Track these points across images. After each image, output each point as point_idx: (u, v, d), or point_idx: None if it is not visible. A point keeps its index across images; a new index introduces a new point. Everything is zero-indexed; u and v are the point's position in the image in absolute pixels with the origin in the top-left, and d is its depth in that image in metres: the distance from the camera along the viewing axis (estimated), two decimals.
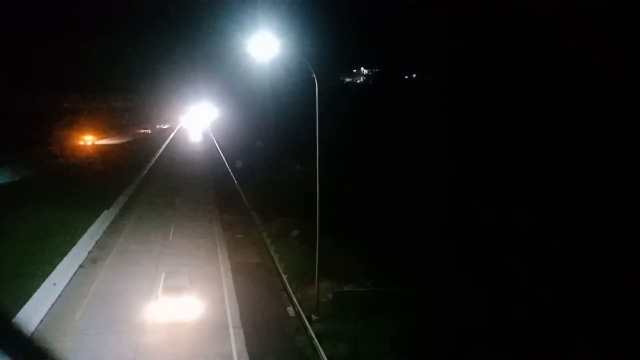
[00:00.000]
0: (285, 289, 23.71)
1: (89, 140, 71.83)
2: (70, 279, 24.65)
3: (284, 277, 24.54)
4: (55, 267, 24.83)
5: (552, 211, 27.65)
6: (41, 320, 20.02)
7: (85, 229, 31.67)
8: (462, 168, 34.37)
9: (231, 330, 19.90)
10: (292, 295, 22.41)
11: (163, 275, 24.61)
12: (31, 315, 19.71)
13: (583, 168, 28.03)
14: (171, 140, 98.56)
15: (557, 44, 33.21)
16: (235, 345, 18.75)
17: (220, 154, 75.18)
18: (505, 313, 20.23)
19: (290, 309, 21.96)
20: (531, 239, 26.42)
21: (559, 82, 32.46)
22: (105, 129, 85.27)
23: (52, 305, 21.58)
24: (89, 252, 28.68)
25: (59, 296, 22.53)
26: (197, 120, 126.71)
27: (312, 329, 19.15)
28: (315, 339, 18.32)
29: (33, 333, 18.91)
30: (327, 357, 17.23)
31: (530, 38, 35.75)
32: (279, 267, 25.95)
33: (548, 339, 19.07)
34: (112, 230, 34.04)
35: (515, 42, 37.24)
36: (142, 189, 48.93)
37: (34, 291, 21.76)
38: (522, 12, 36.38)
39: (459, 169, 34.11)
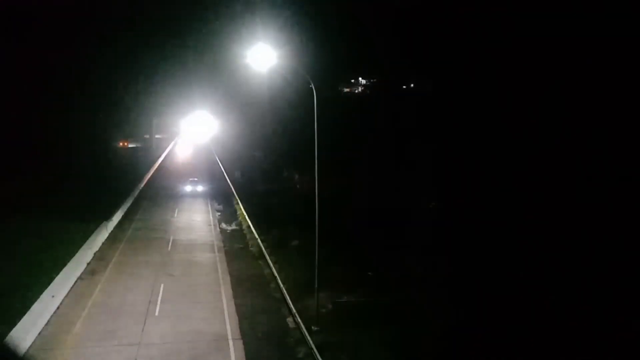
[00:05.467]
0: (284, 299, 23.59)
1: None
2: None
3: (283, 287, 24.43)
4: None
5: (552, 214, 27.73)
6: (39, 333, 19.88)
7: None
8: (461, 173, 34.49)
9: (230, 341, 19.77)
10: (292, 306, 22.29)
11: (162, 286, 24.55)
12: (29, 328, 19.55)
13: (582, 170, 28.16)
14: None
15: (555, 46, 33.54)
16: (235, 356, 18.61)
17: (219, 164, 75.33)
18: (507, 320, 20.13)
19: (289, 320, 21.82)
20: (531, 243, 26.45)
21: (559, 84, 32.68)
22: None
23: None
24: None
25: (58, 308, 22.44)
26: (194, 138, 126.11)
27: (312, 339, 19.02)
28: (316, 350, 18.19)
29: (31, 346, 18.82)
30: None
31: (528, 41, 36.08)
32: (278, 278, 25.85)
33: (549, 345, 18.97)
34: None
35: (512, 46, 37.57)
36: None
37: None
38: (520, 15, 36.75)
39: (457, 175, 34.22)
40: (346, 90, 78.74)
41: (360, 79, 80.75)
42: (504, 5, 38.77)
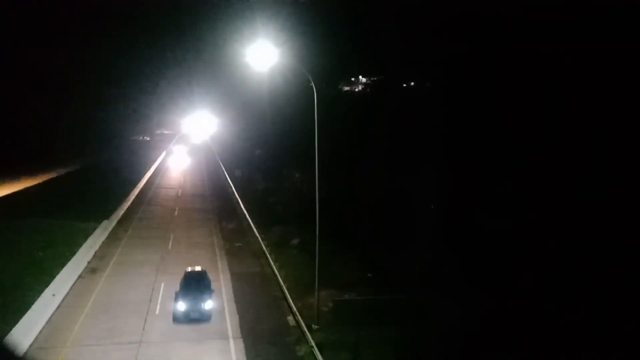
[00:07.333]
0: (285, 297, 23.61)
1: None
2: None
3: (284, 286, 24.45)
4: None
5: (552, 215, 27.73)
6: (40, 331, 19.91)
7: None
8: (462, 174, 34.47)
9: (231, 340, 19.78)
10: (292, 304, 22.31)
11: (162, 285, 24.56)
12: (30, 326, 19.57)
13: (583, 170, 28.16)
14: None
15: (555, 45, 33.53)
16: (236, 355, 18.63)
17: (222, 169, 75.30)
18: (507, 319, 20.15)
19: (290, 318, 21.86)
20: (531, 243, 26.46)
21: (559, 84, 32.63)
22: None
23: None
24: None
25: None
26: (194, 138, 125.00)
27: (312, 338, 19.05)
28: (316, 349, 18.22)
29: (32, 344, 18.84)
30: None
31: (529, 40, 36.05)
32: (279, 276, 25.87)
33: (550, 345, 18.99)
34: None
35: (513, 45, 37.55)
36: None
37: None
38: (521, 14, 36.71)
39: (458, 175, 34.20)
40: (346, 88, 78.60)
41: (360, 77, 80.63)
42: (505, 4, 38.78)
